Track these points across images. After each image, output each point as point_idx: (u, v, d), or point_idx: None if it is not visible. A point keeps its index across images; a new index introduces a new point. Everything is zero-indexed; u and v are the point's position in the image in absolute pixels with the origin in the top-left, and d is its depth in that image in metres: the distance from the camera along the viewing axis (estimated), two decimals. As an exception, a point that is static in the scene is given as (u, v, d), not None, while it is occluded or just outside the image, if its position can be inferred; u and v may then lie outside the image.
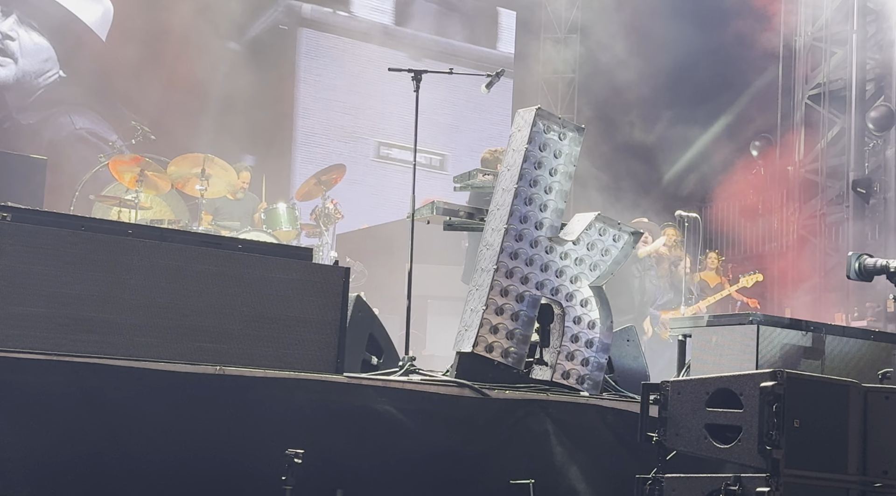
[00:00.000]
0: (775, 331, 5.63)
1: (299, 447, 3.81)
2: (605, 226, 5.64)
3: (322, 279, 4.69)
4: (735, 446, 2.99)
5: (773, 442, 2.89)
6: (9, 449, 3.63)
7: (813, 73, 12.74)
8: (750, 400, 2.96)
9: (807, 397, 3.03)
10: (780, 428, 2.90)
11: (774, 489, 2.90)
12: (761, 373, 2.96)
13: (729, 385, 3.07)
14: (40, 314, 3.99)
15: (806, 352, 5.78)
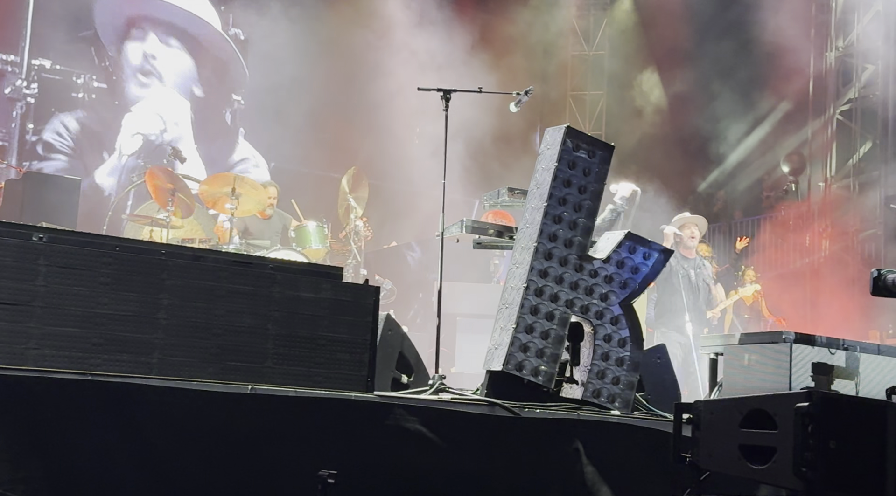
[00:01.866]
0: (809, 350, 5.57)
1: (330, 466, 3.82)
2: (635, 244, 5.62)
3: (353, 298, 4.70)
4: (770, 467, 2.96)
5: (808, 463, 2.85)
6: (37, 468, 3.65)
7: (844, 89, 12.64)
8: (785, 420, 2.92)
9: (842, 418, 2.98)
10: (815, 449, 2.86)
11: (811, 511, 2.87)
12: (796, 393, 2.92)
13: (763, 405, 3.03)
14: (75, 334, 4.03)
15: (840, 371, 5.71)
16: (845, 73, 12.61)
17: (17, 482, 3.59)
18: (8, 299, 3.92)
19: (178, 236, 9.18)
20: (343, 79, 13.03)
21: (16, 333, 3.92)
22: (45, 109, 11.45)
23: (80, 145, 11.59)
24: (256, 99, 12.93)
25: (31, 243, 4.01)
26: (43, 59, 11.40)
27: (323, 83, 12.76)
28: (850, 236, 12.55)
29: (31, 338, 3.95)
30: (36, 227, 4.20)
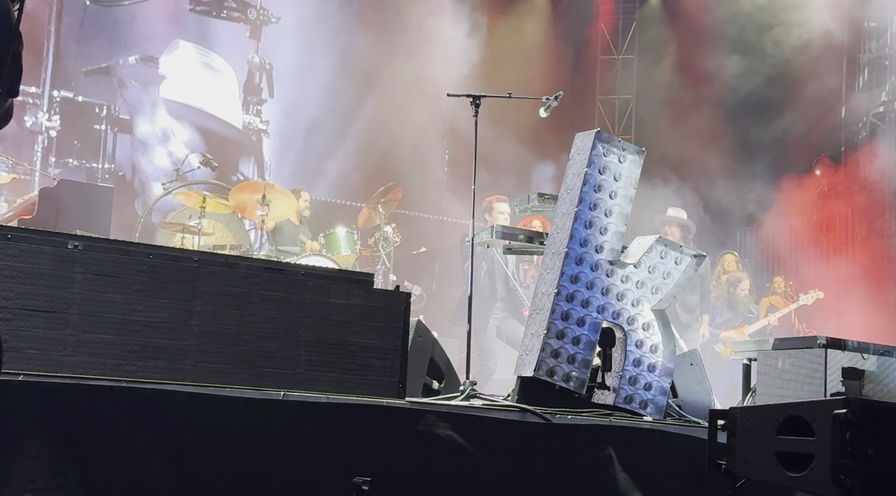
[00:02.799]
0: (844, 355, 5.50)
1: (362, 472, 3.83)
2: (667, 248, 5.59)
3: (383, 304, 4.71)
4: (807, 475, 2.92)
5: (847, 471, 2.82)
6: (72, 474, 3.68)
7: (877, 91, 12.52)
8: (822, 427, 2.89)
9: (881, 424, 2.94)
10: (854, 456, 2.82)
11: (849, 519, 2.83)
12: (833, 399, 2.89)
13: (800, 412, 3.00)
14: (110, 341, 4.07)
15: (875, 377, 5.64)
16: (878, 75, 12.49)
17: (54, 488, 3.63)
18: (45, 307, 3.97)
19: (209, 243, 9.23)
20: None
21: (52, 340, 3.96)
22: (68, 142, 11.45)
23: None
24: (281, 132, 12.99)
25: (67, 251, 4.06)
26: (65, 91, 11.43)
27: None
28: (886, 240, 12.41)
29: (68, 346, 3.99)
30: (71, 235, 4.23)
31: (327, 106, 12.80)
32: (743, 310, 10.40)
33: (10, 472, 3.58)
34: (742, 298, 10.16)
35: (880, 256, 12.37)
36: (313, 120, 12.77)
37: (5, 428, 3.56)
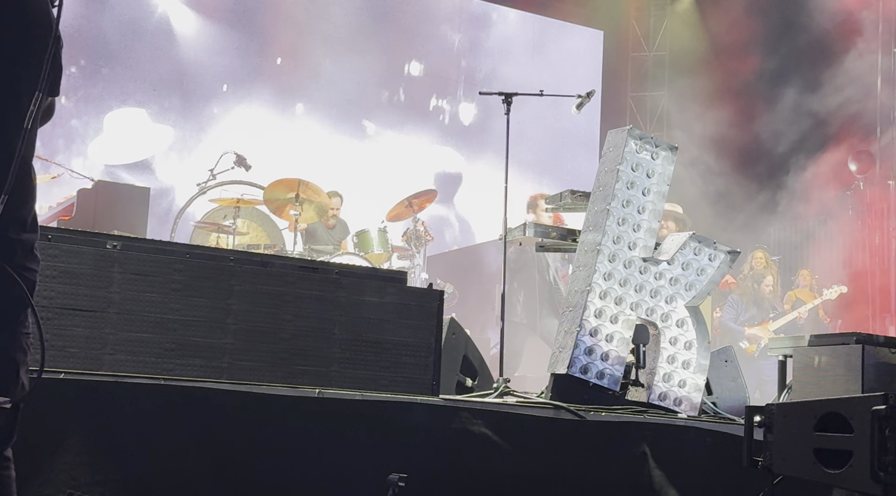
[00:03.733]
0: (881, 351, 5.44)
1: (397, 469, 3.83)
2: (701, 245, 5.55)
3: (417, 302, 4.73)
4: (846, 471, 2.89)
5: (886, 467, 2.78)
6: (113, 472, 3.72)
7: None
8: (861, 424, 2.85)
9: (920, 420, 2.91)
10: (894, 452, 2.79)
11: (889, 516, 2.80)
12: (872, 396, 2.85)
13: (838, 408, 2.97)
14: (148, 339, 4.11)
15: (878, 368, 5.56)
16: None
17: (95, 484, 3.67)
18: (85, 306, 4.01)
19: (243, 242, 9.29)
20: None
21: (92, 339, 4.01)
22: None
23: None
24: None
25: (106, 251, 4.10)
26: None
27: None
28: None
29: (107, 344, 4.04)
30: (110, 236, 4.28)
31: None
32: (767, 307, 10.32)
33: (52, 469, 3.62)
34: (766, 294, 10.09)
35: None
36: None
37: (47, 425, 3.61)
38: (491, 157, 13.42)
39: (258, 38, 12.21)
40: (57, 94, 2.64)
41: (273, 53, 12.44)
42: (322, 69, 12.60)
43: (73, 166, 9.86)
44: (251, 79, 12.22)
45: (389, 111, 13.20)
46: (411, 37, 13.22)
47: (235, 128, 11.89)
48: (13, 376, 2.47)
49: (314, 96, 12.60)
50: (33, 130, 2.50)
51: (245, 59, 12.17)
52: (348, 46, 12.57)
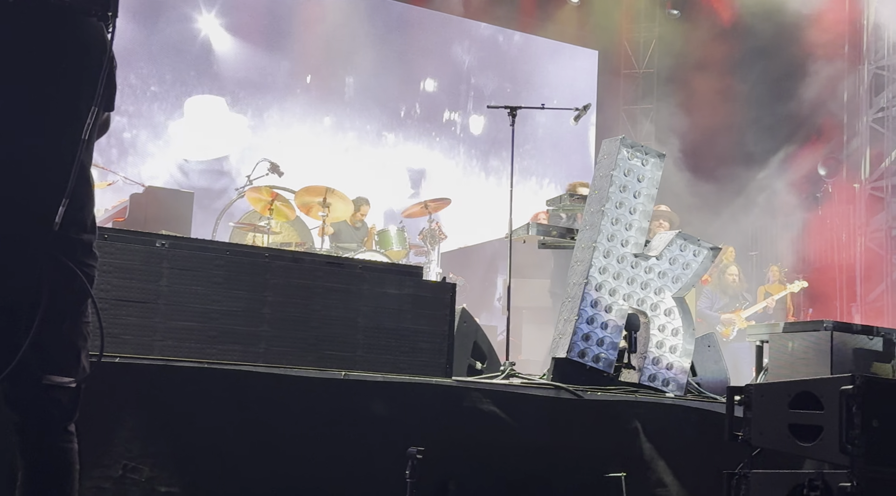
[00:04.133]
0: (848, 337, 5.42)
1: (414, 443, 3.83)
2: (686, 242, 5.54)
3: (432, 294, 4.72)
4: (817, 444, 2.88)
5: (853, 441, 2.78)
6: (163, 446, 3.73)
7: (877, 99, 12.31)
8: (830, 402, 2.85)
9: (884, 399, 2.90)
10: (859, 427, 2.78)
11: (855, 484, 2.79)
12: (841, 377, 2.84)
13: (810, 388, 2.96)
14: (193, 327, 4.12)
15: (877, 356, 5.54)
16: (878, 84, 12.28)
17: (147, 457, 3.69)
18: (137, 298, 4.03)
19: (276, 241, 9.30)
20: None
21: (144, 327, 4.02)
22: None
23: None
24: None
25: (156, 249, 4.11)
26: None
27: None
28: (884, 233, 12.20)
29: (157, 332, 4.05)
30: (159, 235, 4.29)
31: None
32: (735, 295, 10.31)
33: (110, 443, 3.64)
34: (731, 283, 10.04)
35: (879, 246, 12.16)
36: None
37: (105, 404, 3.62)
38: (498, 163, 13.44)
39: (290, 59, 12.22)
40: (112, 109, 2.65)
41: (303, 72, 12.46)
42: (346, 87, 12.62)
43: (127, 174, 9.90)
44: (283, 95, 12.24)
45: (407, 123, 13.21)
46: (425, 57, 13.22)
47: (270, 138, 11.92)
48: (75, 360, 2.49)
49: (339, 111, 12.62)
50: (91, 142, 2.52)
51: (278, 77, 12.19)
52: (369, 66, 12.59)
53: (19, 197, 2.38)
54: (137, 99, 11.42)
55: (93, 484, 3.56)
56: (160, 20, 11.47)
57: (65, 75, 2.46)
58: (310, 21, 12.36)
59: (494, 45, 14.05)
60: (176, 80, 11.64)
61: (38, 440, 2.43)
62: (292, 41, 12.25)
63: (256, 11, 12.12)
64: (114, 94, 2.61)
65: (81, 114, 2.44)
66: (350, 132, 12.70)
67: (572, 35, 14.35)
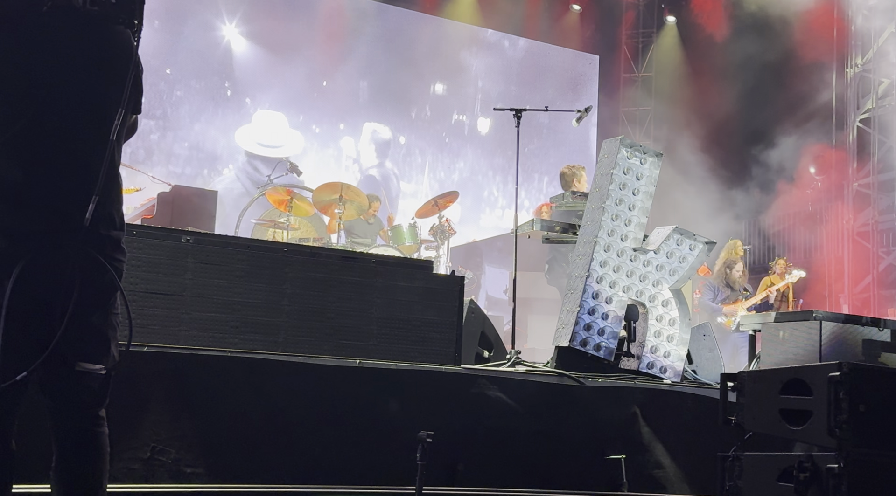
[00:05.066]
0: (836, 326, 5.39)
1: (425, 427, 3.82)
2: (682, 237, 5.52)
3: (442, 286, 4.72)
4: (806, 428, 2.87)
5: (840, 425, 2.76)
6: (188, 430, 3.75)
7: (864, 100, 12.24)
8: (819, 388, 2.83)
9: (870, 384, 2.88)
10: (847, 412, 2.77)
11: (843, 465, 2.78)
12: (829, 364, 2.83)
13: (800, 375, 2.95)
14: (217, 318, 4.13)
15: (864, 344, 5.51)
16: (864, 86, 12.21)
17: (174, 439, 3.70)
18: (164, 290, 4.04)
19: (295, 236, 9.30)
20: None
21: (170, 318, 4.04)
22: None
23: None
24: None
25: (181, 244, 4.12)
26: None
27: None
28: (871, 227, 12.14)
29: (182, 322, 4.06)
30: (184, 231, 4.30)
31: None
32: (739, 289, 10.25)
33: (139, 426, 3.66)
34: (737, 278, 9.98)
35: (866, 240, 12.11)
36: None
37: (134, 390, 3.64)
38: (504, 162, 13.41)
39: (307, 65, 12.22)
40: (140, 112, 2.66)
41: (319, 77, 12.46)
42: (360, 91, 12.62)
43: (154, 173, 9.92)
44: (301, 98, 12.25)
45: (418, 125, 13.20)
46: (435, 62, 13.20)
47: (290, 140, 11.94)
48: (105, 349, 2.50)
49: (354, 113, 12.63)
50: (119, 142, 2.53)
51: (296, 82, 12.19)
52: (382, 72, 12.59)
53: (53, 196, 2.39)
54: (164, 102, 11.45)
55: (123, 465, 3.58)
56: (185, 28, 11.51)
57: (94, 79, 2.46)
58: (326, 28, 12.36)
59: (501, 51, 14.02)
60: (200, 85, 11.67)
61: (71, 425, 2.45)
62: (309, 47, 12.25)
63: (274, 19, 12.13)
64: (140, 98, 2.62)
65: (110, 116, 2.45)
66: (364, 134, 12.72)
67: (575, 41, 14.31)
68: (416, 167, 13.15)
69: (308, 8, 12.46)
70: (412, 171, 13.12)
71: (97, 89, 2.46)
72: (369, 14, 12.73)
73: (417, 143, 13.16)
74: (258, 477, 3.82)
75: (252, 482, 3.79)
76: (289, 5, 12.27)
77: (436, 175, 13.23)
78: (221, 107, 11.84)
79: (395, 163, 12.94)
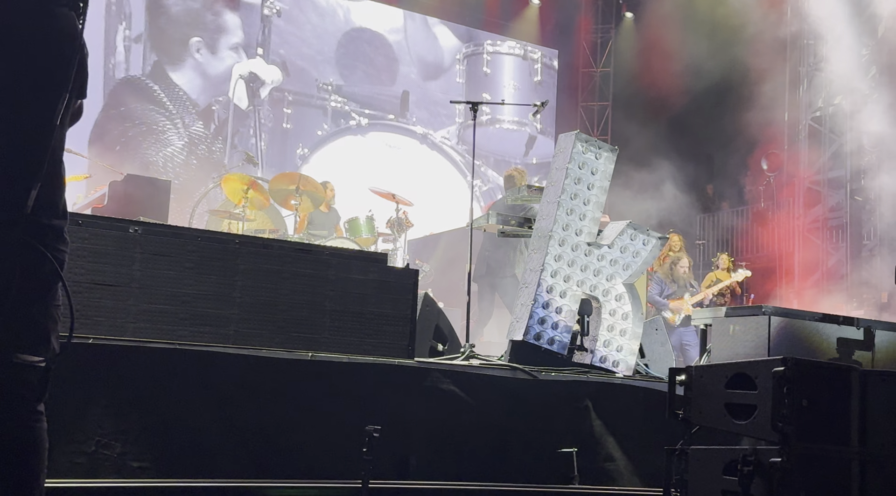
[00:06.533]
0: (784, 321, 5.49)
1: (377, 422, 3.81)
2: (636, 231, 5.57)
3: (396, 279, 4.70)
4: (751, 422, 2.91)
5: (784, 419, 2.81)
6: (135, 424, 3.68)
7: (815, 99, 12.48)
8: (764, 382, 2.88)
9: (813, 380, 2.94)
10: (790, 406, 2.82)
11: (786, 459, 2.82)
12: (773, 359, 2.87)
13: (745, 370, 2.99)
14: (165, 310, 4.06)
15: (812, 338, 5.62)
16: (815, 86, 12.44)
17: (119, 433, 3.64)
18: (110, 281, 3.96)
19: (251, 228, 9.20)
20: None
21: (117, 310, 3.96)
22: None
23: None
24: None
25: (129, 234, 4.04)
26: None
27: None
28: (821, 223, 12.39)
29: (130, 314, 3.98)
30: (132, 221, 4.22)
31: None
32: (685, 284, 10.38)
33: (83, 419, 3.59)
34: (682, 274, 10.12)
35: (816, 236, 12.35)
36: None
37: (78, 383, 3.57)
38: (460, 157, 13.41)
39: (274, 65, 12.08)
40: (84, 97, 2.58)
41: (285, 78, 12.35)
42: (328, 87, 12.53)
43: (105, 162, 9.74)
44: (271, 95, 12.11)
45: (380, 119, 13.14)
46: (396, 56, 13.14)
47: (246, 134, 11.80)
48: (45, 341, 2.43)
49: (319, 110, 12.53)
50: (63, 128, 2.46)
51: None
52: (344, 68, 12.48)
53: (-9, 183, 2.31)
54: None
55: (67, 459, 3.51)
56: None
57: (37, 62, 2.39)
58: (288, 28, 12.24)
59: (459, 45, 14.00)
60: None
61: (7, 418, 2.38)
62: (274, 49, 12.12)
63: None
64: (85, 82, 2.54)
65: (53, 101, 2.38)
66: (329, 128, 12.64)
67: (534, 35, 14.35)
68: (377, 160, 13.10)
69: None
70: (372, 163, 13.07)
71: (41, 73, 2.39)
72: (324, 8, 12.62)
73: (380, 135, 13.09)
74: (206, 472, 3.77)
75: (200, 477, 3.74)
76: None
77: (397, 169, 13.19)
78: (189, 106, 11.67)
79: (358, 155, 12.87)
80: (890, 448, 3.02)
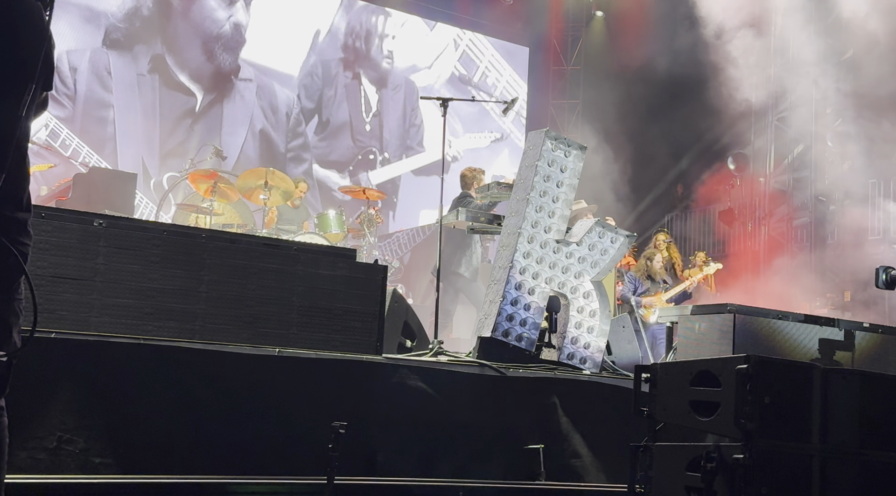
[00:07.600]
0: (749, 319, 5.57)
1: (345, 418, 3.81)
2: (604, 229, 5.61)
3: (364, 275, 4.69)
4: (715, 419, 2.96)
5: (746, 416, 2.85)
6: (98, 419, 3.64)
7: (781, 99, 12.65)
8: (727, 380, 2.92)
9: (775, 377, 2.98)
10: (752, 404, 2.86)
11: (748, 456, 2.87)
12: (736, 357, 2.91)
13: (709, 367, 3.03)
14: (129, 304, 4.02)
15: (775, 336, 5.71)
16: (781, 87, 12.61)
17: (82, 429, 3.60)
18: (73, 275, 3.91)
19: (219, 222, 9.13)
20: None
21: (80, 304, 3.91)
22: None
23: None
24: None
25: (93, 228, 3.99)
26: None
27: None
28: (786, 223, 12.57)
29: (93, 308, 3.94)
30: (97, 214, 4.16)
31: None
32: (659, 281, 10.47)
33: (45, 415, 3.54)
34: (657, 270, 10.21)
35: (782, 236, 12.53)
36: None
37: (40, 378, 3.52)
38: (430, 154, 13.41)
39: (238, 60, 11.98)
40: (50, 88, 2.55)
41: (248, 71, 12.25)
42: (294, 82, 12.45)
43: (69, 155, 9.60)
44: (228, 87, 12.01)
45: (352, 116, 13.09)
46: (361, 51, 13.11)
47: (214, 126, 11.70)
48: (7, 335, 2.40)
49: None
50: (27, 119, 2.42)
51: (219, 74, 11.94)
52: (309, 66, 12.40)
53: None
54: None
55: (28, 454, 3.47)
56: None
57: (4, 53, 2.36)
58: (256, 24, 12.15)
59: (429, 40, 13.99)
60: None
61: (-34, 414, 2.34)
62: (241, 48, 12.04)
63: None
64: (51, 74, 2.51)
65: (19, 92, 2.34)
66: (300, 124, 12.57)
67: (505, 32, 14.37)
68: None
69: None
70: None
71: (5, 64, 2.36)
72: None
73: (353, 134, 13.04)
74: (170, 468, 3.73)
75: (163, 473, 3.71)
76: None
77: (369, 164, 13.14)
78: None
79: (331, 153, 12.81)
80: (850, 445, 3.07)
